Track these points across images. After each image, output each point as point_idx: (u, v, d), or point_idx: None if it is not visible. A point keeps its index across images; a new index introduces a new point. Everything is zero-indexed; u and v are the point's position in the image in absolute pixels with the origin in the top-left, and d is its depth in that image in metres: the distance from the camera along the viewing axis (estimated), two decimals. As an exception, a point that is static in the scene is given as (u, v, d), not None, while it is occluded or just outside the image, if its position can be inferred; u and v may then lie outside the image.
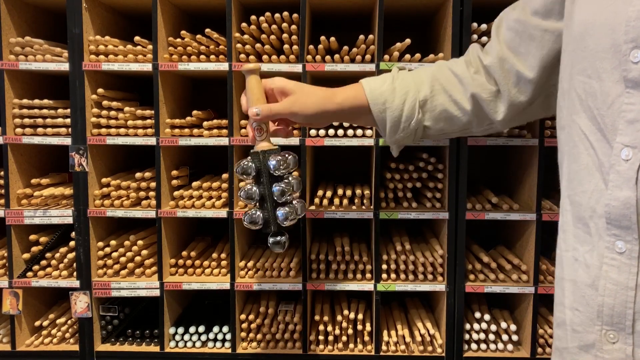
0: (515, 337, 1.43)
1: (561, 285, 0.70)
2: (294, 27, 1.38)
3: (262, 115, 0.90)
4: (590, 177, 0.64)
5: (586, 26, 0.64)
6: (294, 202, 0.91)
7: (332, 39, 1.37)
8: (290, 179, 0.90)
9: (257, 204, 0.90)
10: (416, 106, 0.91)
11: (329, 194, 1.47)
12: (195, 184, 1.46)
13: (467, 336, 1.45)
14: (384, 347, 1.45)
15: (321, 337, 1.44)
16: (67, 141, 1.42)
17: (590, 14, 0.64)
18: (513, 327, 1.44)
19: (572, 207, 0.68)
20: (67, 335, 1.50)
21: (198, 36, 1.38)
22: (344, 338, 1.46)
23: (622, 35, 0.59)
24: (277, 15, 1.38)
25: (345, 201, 1.47)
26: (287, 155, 0.91)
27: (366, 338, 1.44)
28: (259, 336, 1.47)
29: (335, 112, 0.93)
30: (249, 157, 0.90)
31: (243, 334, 1.48)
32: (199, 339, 1.47)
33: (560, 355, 0.71)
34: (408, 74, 0.96)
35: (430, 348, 1.43)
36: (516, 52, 0.85)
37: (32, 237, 1.48)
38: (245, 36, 1.38)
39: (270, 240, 0.91)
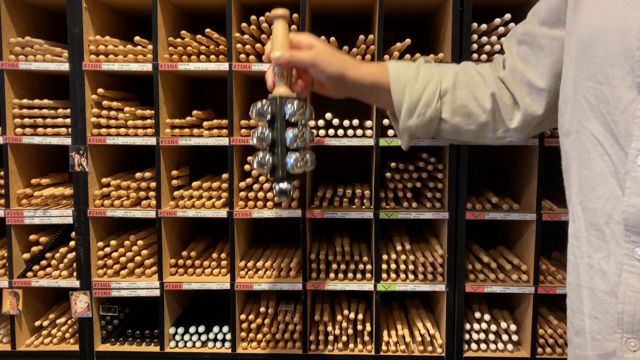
0: (515, 337, 1.43)
1: (578, 292, 0.70)
2: (294, 27, 1.37)
3: (283, 59, 0.86)
4: (606, 184, 0.64)
5: (594, 32, 0.64)
6: (304, 151, 0.88)
7: (332, 39, 1.37)
8: (304, 128, 0.87)
9: (268, 148, 0.88)
10: (436, 94, 0.90)
11: (329, 193, 1.47)
12: (195, 184, 1.46)
13: (467, 336, 1.45)
14: (384, 347, 1.45)
15: (321, 337, 1.44)
16: (67, 141, 1.42)
17: (598, 19, 0.64)
18: (513, 327, 1.44)
19: (585, 214, 0.68)
20: (67, 335, 1.50)
21: (198, 36, 1.38)
22: (344, 338, 1.46)
23: (634, 41, 0.59)
24: (277, 15, 1.38)
25: (345, 201, 1.47)
26: (305, 105, 0.88)
27: (366, 338, 1.44)
28: (259, 336, 1.47)
29: (356, 82, 0.91)
30: (266, 100, 0.88)
31: (243, 334, 1.48)
32: (199, 339, 1.47)
33: None
34: (434, 65, 0.95)
35: (430, 348, 1.43)
36: (527, 63, 0.86)
37: (32, 237, 1.48)
38: (246, 36, 1.38)
39: (277, 187, 0.87)
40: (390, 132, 1.38)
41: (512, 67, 0.88)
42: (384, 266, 1.44)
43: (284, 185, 0.87)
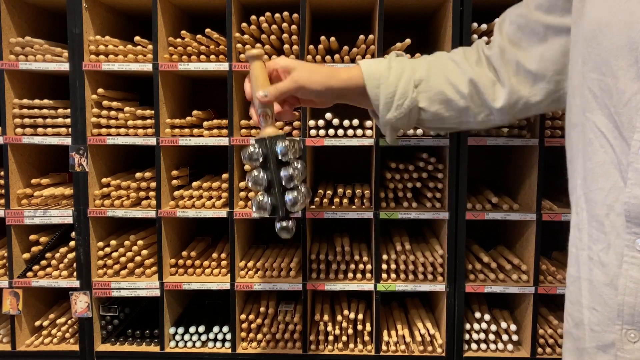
0: (515, 337, 1.43)
1: (578, 284, 0.70)
2: (294, 27, 1.37)
3: (270, 95, 0.88)
4: (607, 175, 0.64)
5: (599, 24, 0.64)
6: (300, 187, 0.90)
7: (332, 39, 1.37)
8: (297, 164, 0.89)
9: (264, 190, 0.90)
10: (411, 84, 0.91)
11: (329, 193, 1.47)
12: (195, 184, 1.46)
13: (467, 336, 1.45)
14: (384, 347, 1.45)
15: (321, 337, 1.45)
16: (67, 141, 1.42)
17: (604, 12, 0.64)
18: (513, 327, 1.44)
19: (587, 205, 0.68)
20: (67, 335, 1.50)
21: (198, 36, 1.38)
22: (344, 338, 1.46)
23: (638, 33, 0.59)
24: (277, 15, 1.38)
25: (345, 201, 1.47)
26: (293, 141, 0.90)
27: (366, 338, 1.44)
28: (259, 336, 1.47)
29: (340, 89, 0.92)
30: (255, 143, 0.89)
31: (243, 334, 1.48)
32: (199, 339, 1.47)
33: (579, 355, 0.70)
34: (405, 58, 0.96)
35: (430, 348, 1.43)
36: (517, 46, 0.86)
37: (32, 237, 1.48)
38: (246, 36, 1.38)
39: (278, 225, 0.90)
40: (390, 132, 1.38)
41: (501, 47, 0.88)
42: (384, 266, 1.44)
43: (285, 223, 0.89)
